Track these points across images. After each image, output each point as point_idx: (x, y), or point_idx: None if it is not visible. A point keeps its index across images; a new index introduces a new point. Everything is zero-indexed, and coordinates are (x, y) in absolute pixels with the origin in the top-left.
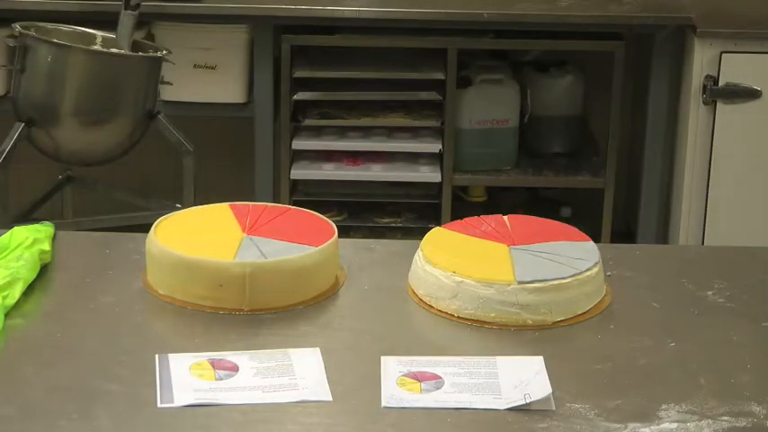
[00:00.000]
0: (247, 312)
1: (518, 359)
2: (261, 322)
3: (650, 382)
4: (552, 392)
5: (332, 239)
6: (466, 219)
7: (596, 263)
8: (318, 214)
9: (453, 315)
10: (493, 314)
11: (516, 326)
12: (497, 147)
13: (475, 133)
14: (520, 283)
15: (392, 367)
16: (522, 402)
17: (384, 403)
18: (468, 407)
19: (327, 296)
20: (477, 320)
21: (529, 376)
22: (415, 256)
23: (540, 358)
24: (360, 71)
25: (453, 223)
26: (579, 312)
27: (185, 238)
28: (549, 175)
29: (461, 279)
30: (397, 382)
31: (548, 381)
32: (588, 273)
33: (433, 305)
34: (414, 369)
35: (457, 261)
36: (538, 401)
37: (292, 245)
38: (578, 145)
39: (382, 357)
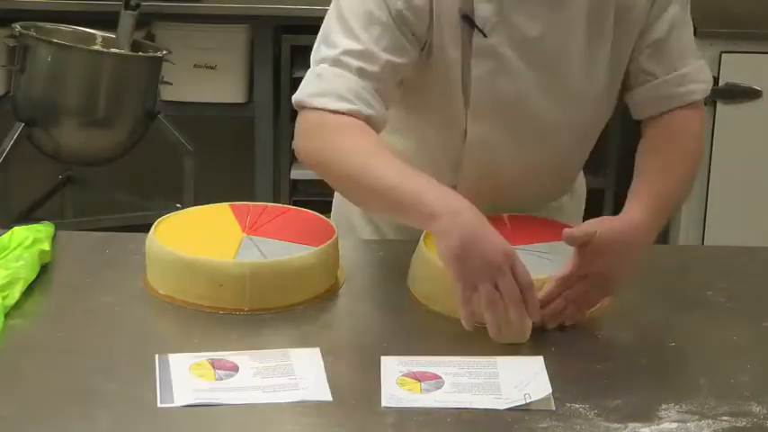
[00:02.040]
0: (247, 312)
1: (518, 359)
2: (261, 322)
3: (650, 382)
4: (552, 392)
5: (332, 239)
6: None
7: None
8: (318, 214)
9: (453, 315)
10: None
11: None
12: None
13: None
14: None
15: (392, 367)
16: (522, 402)
17: (384, 403)
18: (468, 407)
19: (327, 296)
20: (476, 320)
21: (529, 376)
22: (415, 256)
23: (540, 358)
24: None
25: None
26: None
27: (185, 238)
28: None
29: None
30: (397, 382)
31: (548, 381)
32: None
33: (433, 304)
34: (414, 369)
35: None
36: (538, 401)
37: (292, 245)
38: None
39: (382, 357)
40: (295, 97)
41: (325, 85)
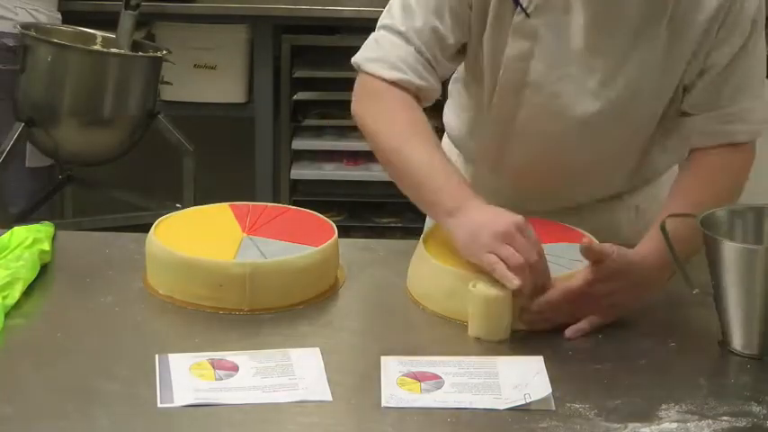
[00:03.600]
0: (247, 312)
1: (518, 359)
2: (261, 322)
3: (650, 382)
4: (552, 392)
5: (332, 239)
6: None
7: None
8: (318, 214)
9: (452, 314)
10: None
11: (513, 327)
12: None
13: None
14: None
15: (392, 367)
16: (522, 402)
17: (384, 403)
18: (467, 407)
19: (327, 296)
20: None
21: (529, 376)
22: (414, 256)
23: (540, 358)
24: None
25: None
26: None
27: (185, 238)
28: None
29: (459, 278)
30: (397, 382)
31: (548, 381)
32: None
33: (432, 304)
34: (414, 369)
35: (456, 260)
36: (538, 401)
37: (292, 245)
38: None
39: (382, 357)
40: (354, 59)
41: (381, 52)
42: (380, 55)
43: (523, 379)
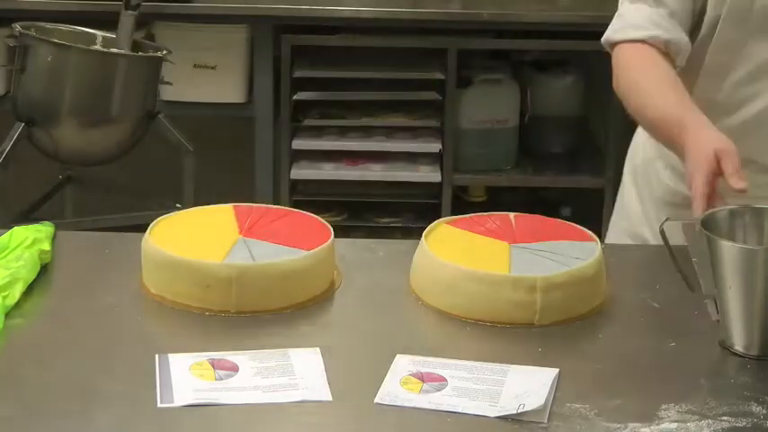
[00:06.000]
0: (234, 314)
1: (532, 369)
2: (261, 322)
3: (650, 382)
4: (552, 399)
5: (325, 244)
6: (472, 215)
7: (596, 262)
8: (320, 218)
9: (451, 312)
10: (487, 311)
11: (512, 323)
12: (497, 147)
13: (475, 133)
14: None
15: (403, 365)
16: (514, 412)
17: (377, 400)
18: (459, 411)
19: (327, 296)
20: (472, 317)
21: (534, 387)
22: (416, 253)
23: (555, 371)
24: (360, 71)
25: (457, 220)
26: (578, 311)
27: (181, 239)
28: (549, 175)
29: (458, 274)
30: (401, 380)
31: (550, 394)
32: (586, 272)
33: (431, 301)
34: (423, 369)
35: (456, 256)
36: (530, 412)
37: (284, 248)
38: (578, 145)
39: (397, 355)
40: (603, 38)
41: (624, 20)
42: (624, 23)
43: (527, 389)
